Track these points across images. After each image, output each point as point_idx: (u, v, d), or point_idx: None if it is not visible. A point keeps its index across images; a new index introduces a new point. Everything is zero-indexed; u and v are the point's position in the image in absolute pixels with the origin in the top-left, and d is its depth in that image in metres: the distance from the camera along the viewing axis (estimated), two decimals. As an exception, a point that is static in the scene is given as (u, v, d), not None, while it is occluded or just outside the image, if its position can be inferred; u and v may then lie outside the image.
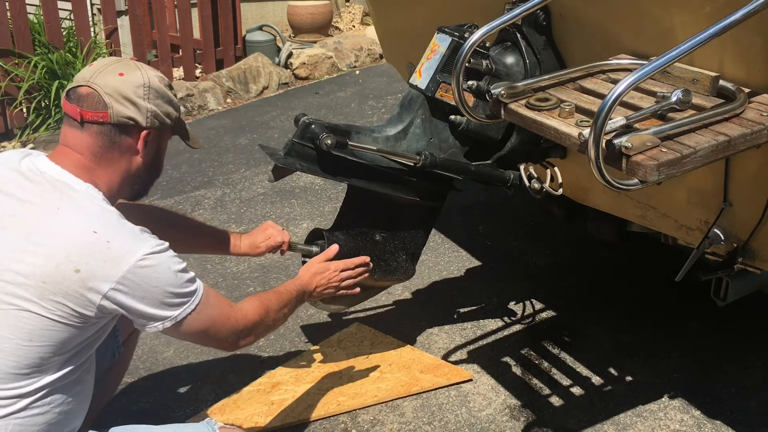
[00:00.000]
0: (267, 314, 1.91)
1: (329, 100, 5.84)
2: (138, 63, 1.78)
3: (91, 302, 1.59)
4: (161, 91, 1.76)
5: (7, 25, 4.94)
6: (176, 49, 6.11)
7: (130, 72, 1.72)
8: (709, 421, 2.47)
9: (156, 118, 1.75)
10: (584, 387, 2.64)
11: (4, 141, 5.03)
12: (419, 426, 2.45)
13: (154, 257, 1.62)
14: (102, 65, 1.73)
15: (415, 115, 2.37)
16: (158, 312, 1.65)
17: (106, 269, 1.58)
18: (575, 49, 2.23)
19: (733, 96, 1.78)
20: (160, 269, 1.63)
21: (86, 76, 1.71)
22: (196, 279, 1.73)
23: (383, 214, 2.46)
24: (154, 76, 1.76)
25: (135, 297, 1.61)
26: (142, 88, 1.72)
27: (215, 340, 1.81)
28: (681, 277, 2.16)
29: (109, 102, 1.68)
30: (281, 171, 2.24)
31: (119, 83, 1.69)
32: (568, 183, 2.46)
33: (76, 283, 1.57)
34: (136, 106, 1.71)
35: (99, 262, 1.58)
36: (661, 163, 1.55)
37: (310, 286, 2.16)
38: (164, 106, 1.76)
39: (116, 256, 1.59)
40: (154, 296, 1.63)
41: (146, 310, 1.64)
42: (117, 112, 1.69)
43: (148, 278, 1.61)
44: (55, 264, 1.56)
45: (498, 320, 3.01)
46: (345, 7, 8.58)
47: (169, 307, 1.66)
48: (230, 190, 4.19)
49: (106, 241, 1.59)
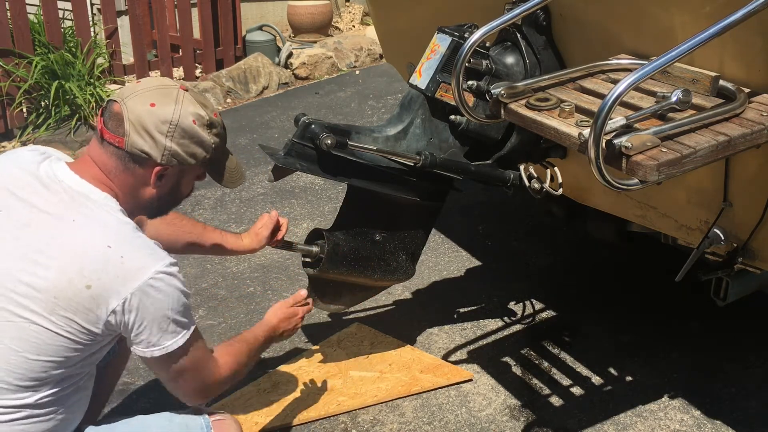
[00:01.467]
0: (238, 370, 1.85)
1: (329, 100, 5.84)
2: (180, 95, 1.68)
3: (99, 318, 1.57)
4: (191, 131, 1.67)
5: (7, 25, 4.94)
6: (176, 49, 6.11)
7: (163, 105, 1.65)
8: (709, 421, 2.47)
9: (174, 157, 1.67)
10: (584, 387, 2.64)
11: (4, 141, 5.03)
12: (419, 426, 2.45)
13: (165, 277, 1.60)
14: (143, 88, 1.68)
15: (415, 115, 2.37)
16: (154, 337, 1.61)
17: (117, 285, 1.56)
18: (575, 49, 2.22)
19: (733, 96, 1.78)
20: (168, 290, 1.61)
21: (125, 93, 1.67)
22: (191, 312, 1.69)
23: (383, 214, 2.46)
24: (189, 114, 1.67)
25: (139, 316, 1.59)
26: (168, 124, 1.64)
27: (184, 385, 1.73)
28: (681, 277, 2.16)
29: (128, 130, 1.63)
30: (281, 171, 2.24)
31: (145, 114, 1.64)
32: (568, 183, 2.46)
33: (86, 299, 1.55)
34: (154, 141, 1.64)
35: (111, 278, 1.55)
36: (661, 163, 1.55)
37: (277, 330, 2.07)
38: (190, 146, 1.68)
39: (128, 272, 1.57)
40: (156, 318, 1.60)
41: (145, 332, 1.60)
42: (132, 143, 1.64)
43: (155, 298, 1.59)
44: (68, 279, 1.54)
45: (498, 320, 3.01)
46: (345, 7, 8.58)
47: (165, 334, 1.62)
48: (230, 190, 4.19)
49: (120, 256, 1.57)
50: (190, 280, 3.27)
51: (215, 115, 1.74)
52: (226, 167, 1.82)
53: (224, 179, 1.82)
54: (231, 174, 1.84)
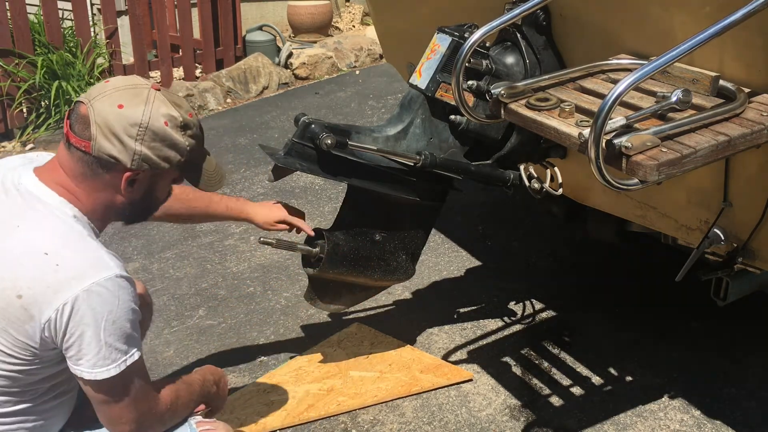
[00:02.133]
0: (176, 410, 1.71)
1: (329, 100, 5.84)
2: (151, 96, 1.58)
3: (34, 331, 1.48)
4: (162, 134, 1.57)
5: (7, 25, 4.94)
6: (176, 49, 6.10)
7: (133, 106, 1.55)
8: (709, 421, 2.47)
9: (145, 162, 1.57)
10: (584, 387, 2.63)
11: (4, 141, 5.03)
12: (419, 426, 2.45)
13: (104, 291, 1.48)
14: (111, 87, 1.58)
15: (415, 115, 2.37)
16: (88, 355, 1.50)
17: (48, 295, 1.46)
18: (575, 49, 2.23)
19: (733, 96, 1.78)
20: (108, 303, 1.48)
21: (92, 94, 1.57)
22: (139, 339, 1.58)
23: (383, 214, 2.46)
24: (161, 115, 1.57)
25: (70, 330, 1.48)
26: (138, 127, 1.54)
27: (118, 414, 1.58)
28: (681, 277, 2.16)
29: (94, 133, 1.53)
30: (281, 171, 2.24)
31: (112, 116, 1.53)
32: (568, 183, 2.46)
33: (17, 309, 1.46)
34: (123, 145, 1.54)
35: (42, 288, 1.46)
36: (661, 163, 1.55)
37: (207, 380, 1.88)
38: (162, 150, 1.58)
39: (61, 282, 1.46)
40: (92, 334, 1.48)
41: (75, 347, 1.49)
42: (99, 147, 1.53)
43: (89, 310, 1.47)
44: (2, 288, 1.46)
45: (498, 320, 3.01)
46: (345, 7, 8.58)
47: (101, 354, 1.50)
48: (230, 190, 4.19)
49: (55, 264, 1.47)
50: (190, 279, 3.27)
51: (190, 115, 1.64)
52: (204, 170, 1.72)
53: (201, 182, 1.72)
54: (209, 177, 1.74)
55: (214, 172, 1.75)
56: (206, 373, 1.89)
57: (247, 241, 3.59)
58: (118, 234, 3.62)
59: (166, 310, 3.06)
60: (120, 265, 1.56)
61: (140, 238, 3.62)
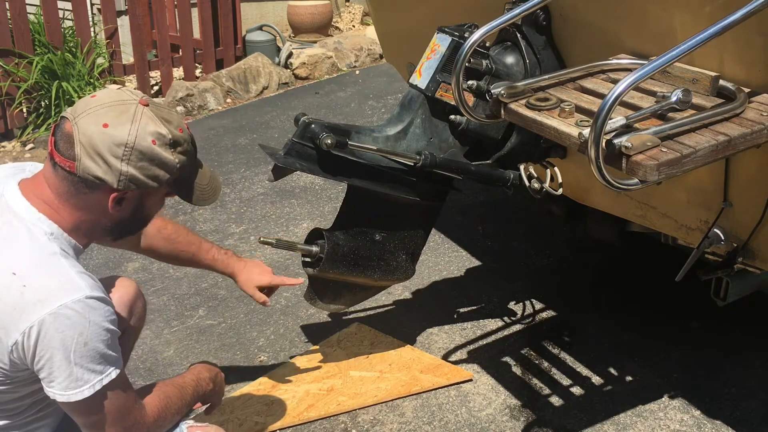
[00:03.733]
0: (166, 416, 1.67)
1: (329, 100, 5.84)
2: (138, 112, 1.53)
3: (1, 356, 1.45)
4: (150, 153, 1.52)
5: (7, 25, 4.94)
6: (176, 49, 6.11)
7: (118, 125, 1.50)
8: (709, 421, 2.47)
9: (133, 182, 1.53)
10: (584, 387, 2.63)
11: (4, 141, 5.03)
12: (419, 426, 2.45)
13: (73, 314, 1.44)
14: (97, 104, 1.53)
15: (415, 115, 2.37)
16: (59, 377, 1.46)
17: (15, 317, 1.43)
18: (575, 49, 2.22)
19: (733, 96, 1.78)
20: (78, 326, 1.44)
21: (77, 111, 1.52)
22: (119, 356, 1.55)
23: (383, 214, 2.46)
24: (148, 133, 1.51)
25: (39, 352, 1.44)
26: (123, 147, 1.49)
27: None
28: (681, 277, 2.16)
29: (78, 154, 1.48)
30: (281, 171, 2.24)
31: (97, 136, 1.48)
32: (568, 183, 2.46)
33: None
34: (108, 166, 1.49)
35: (9, 309, 1.43)
36: (661, 163, 1.55)
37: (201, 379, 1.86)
38: (150, 169, 1.53)
39: (27, 304, 1.43)
40: (62, 357, 1.44)
41: (46, 369, 1.46)
42: (84, 168, 1.49)
43: (58, 332, 1.43)
44: None
45: (498, 320, 3.01)
46: (345, 7, 8.58)
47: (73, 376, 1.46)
48: (230, 190, 4.19)
49: (22, 285, 1.43)
50: (191, 279, 3.27)
51: (180, 130, 1.58)
52: (197, 184, 1.67)
53: (194, 198, 1.67)
54: (203, 191, 1.68)
55: (208, 185, 1.70)
56: (200, 371, 1.87)
57: (247, 241, 3.59)
58: (118, 234, 3.62)
59: (166, 310, 3.06)
60: (92, 285, 1.51)
61: (140, 238, 3.62)
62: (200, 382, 1.83)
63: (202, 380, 1.84)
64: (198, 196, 1.67)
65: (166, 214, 3.86)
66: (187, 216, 3.87)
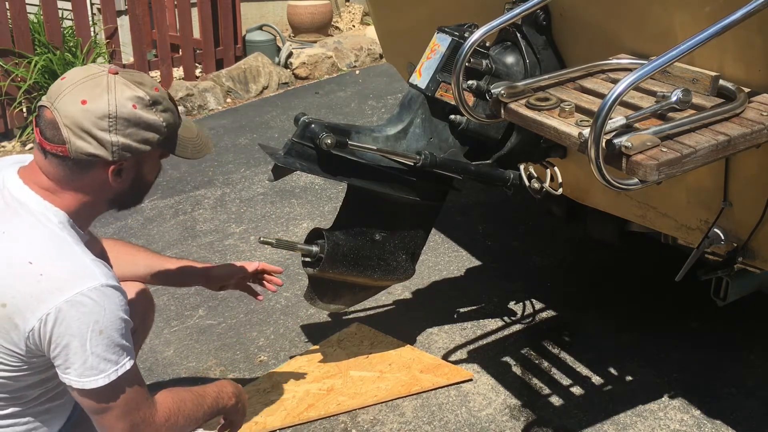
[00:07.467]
0: (178, 420, 1.64)
1: (329, 100, 5.84)
2: (111, 81, 1.52)
3: (19, 340, 1.47)
4: (134, 118, 1.52)
5: (7, 25, 4.94)
6: (176, 49, 6.11)
7: (95, 98, 1.49)
8: (709, 421, 2.47)
9: (126, 150, 1.53)
10: (584, 387, 2.63)
11: (4, 141, 5.03)
12: (419, 426, 2.45)
13: (89, 301, 1.45)
14: (69, 83, 1.52)
15: (415, 115, 2.37)
16: (75, 365, 1.47)
17: (32, 304, 1.44)
18: (575, 49, 2.23)
19: (733, 96, 1.78)
20: (94, 313, 1.46)
21: (52, 96, 1.52)
22: (132, 346, 1.55)
23: (383, 214, 2.46)
24: (127, 99, 1.52)
25: (55, 339, 1.46)
26: (107, 119, 1.49)
27: (111, 426, 1.55)
28: (681, 277, 2.16)
29: (67, 136, 1.49)
30: (281, 170, 2.24)
31: (79, 114, 1.48)
32: (568, 183, 2.46)
33: (2, 318, 1.45)
34: (99, 141, 1.50)
35: (26, 297, 1.44)
36: (661, 163, 1.55)
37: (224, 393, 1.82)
38: (139, 133, 1.54)
39: (44, 291, 1.44)
40: (78, 344, 1.46)
41: (62, 357, 1.47)
42: (76, 148, 1.50)
43: (74, 320, 1.44)
44: None
45: (498, 320, 3.01)
46: (345, 7, 8.58)
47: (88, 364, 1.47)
48: (230, 189, 4.19)
49: (39, 274, 1.45)
50: (190, 280, 3.27)
51: (156, 89, 1.58)
52: (188, 139, 1.68)
53: (189, 152, 1.68)
54: (194, 144, 1.69)
55: (197, 138, 1.70)
56: (224, 385, 1.85)
57: (247, 241, 3.59)
58: (118, 234, 3.63)
59: (166, 310, 3.06)
60: (107, 273, 1.52)
61: (140, 238, 3.62)
62: (221, 394, 1.81)
63: (224, 393, 1.81)
64: (192, 150, 1.68)
65: (167, 214, 3.87)
66: (188, 216, 3.87)
